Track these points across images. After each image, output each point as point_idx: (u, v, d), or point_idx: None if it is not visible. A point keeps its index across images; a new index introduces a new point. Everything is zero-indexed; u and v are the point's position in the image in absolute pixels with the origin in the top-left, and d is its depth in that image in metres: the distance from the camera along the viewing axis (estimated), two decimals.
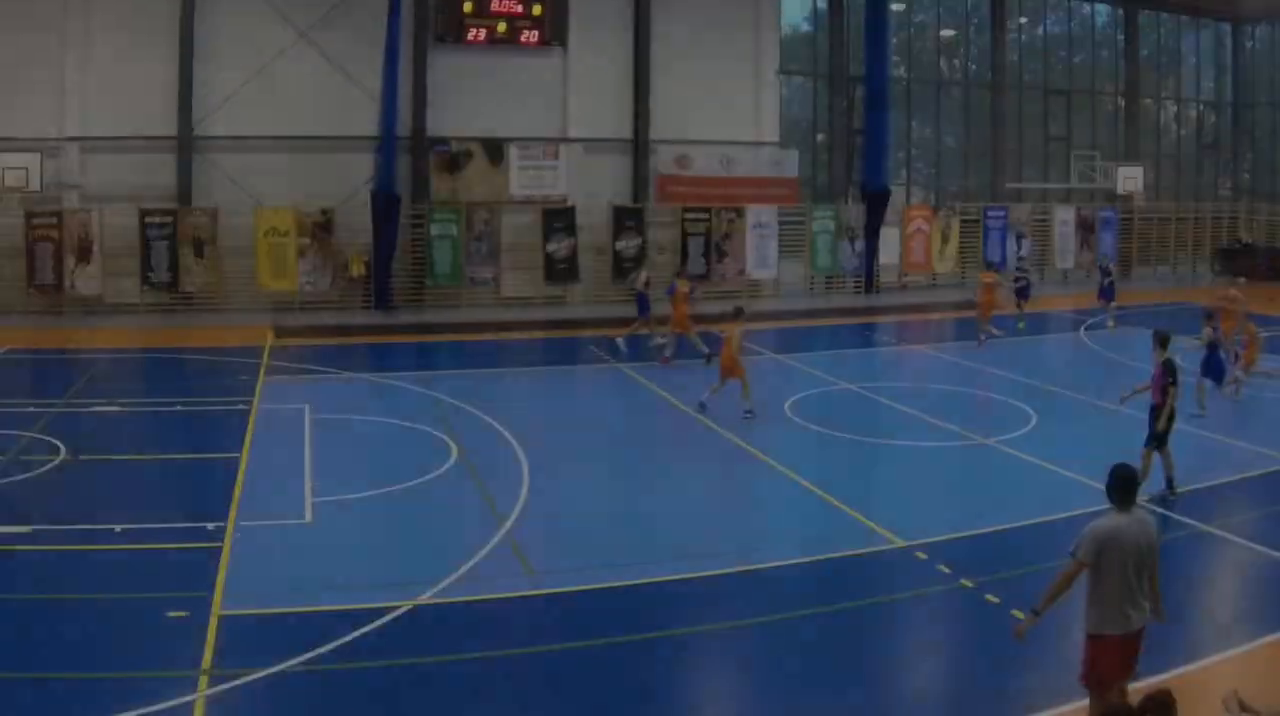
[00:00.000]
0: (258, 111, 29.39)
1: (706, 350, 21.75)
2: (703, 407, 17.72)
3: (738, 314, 18.21)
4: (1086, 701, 7.69)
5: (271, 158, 29.61)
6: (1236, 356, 19.94)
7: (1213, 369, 18.27)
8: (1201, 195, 41.08)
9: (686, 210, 30.71)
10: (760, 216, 30.92)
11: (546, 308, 29.98)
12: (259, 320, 27.99)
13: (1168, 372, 13.42)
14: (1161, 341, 13.78)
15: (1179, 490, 13.53)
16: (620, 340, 23.65)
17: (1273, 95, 41.02)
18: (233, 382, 21.09)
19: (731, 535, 12.69)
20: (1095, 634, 7.39)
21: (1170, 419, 13.44)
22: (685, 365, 22.08)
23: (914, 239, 32.70)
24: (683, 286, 22.86)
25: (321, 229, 29.28)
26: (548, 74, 30.37)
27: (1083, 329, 27.56)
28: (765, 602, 10.78)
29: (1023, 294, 27.56)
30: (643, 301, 24.18)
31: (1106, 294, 27.63)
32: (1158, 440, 13.39)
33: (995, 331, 25.26)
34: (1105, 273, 28.21)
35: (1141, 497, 12.58)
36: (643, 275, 25.36)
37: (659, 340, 23.14)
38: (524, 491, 14.16)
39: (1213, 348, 18.36)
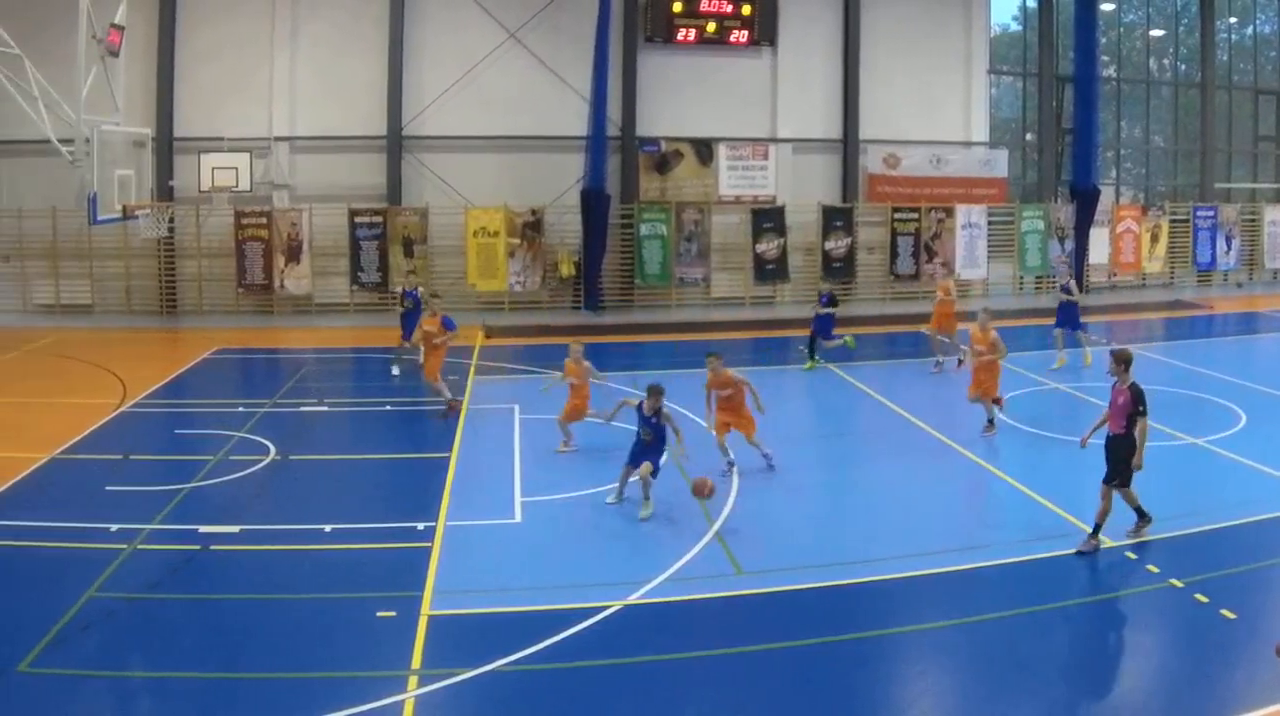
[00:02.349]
0: (467, 111, 29.46)
1: (449, 396, 18.43)
2: (731, 466, 14.70)
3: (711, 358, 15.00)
4: None
5: (480, 157, 29.63)
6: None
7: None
8: None
9: (895, 210, 30.14)
10: (970, 216, 30.27)
11: (755, 308, 29.49)
12: (468, 320, 27.63)
13: (1136, 400, 11.53)
14: (1124, 362, 11.91)
15: (1146, 532, 11.92)
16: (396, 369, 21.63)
17: None
18: (443, 382, 20.92)
19: (941, 534, 12.37)
20: None
21: (1138, 454, 11.59)
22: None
23: (1123, 239, 31.83)
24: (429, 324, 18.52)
25: (531, 229, 29.11)
26: (757, 74, 29.99)
27: None
28: (974, 602, 10.58)
29: (1069, 319, 21.86)
30: (410, 320, 20.93)
31: (1066, 319, 21.79)
32: (1121, 478, 11.65)
33: (942, 358, 21.73)
34: (1065, 290, 21.97)
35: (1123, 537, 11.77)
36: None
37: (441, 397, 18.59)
38: (734, 491, 13.94)
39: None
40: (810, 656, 9.49)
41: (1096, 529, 11.69)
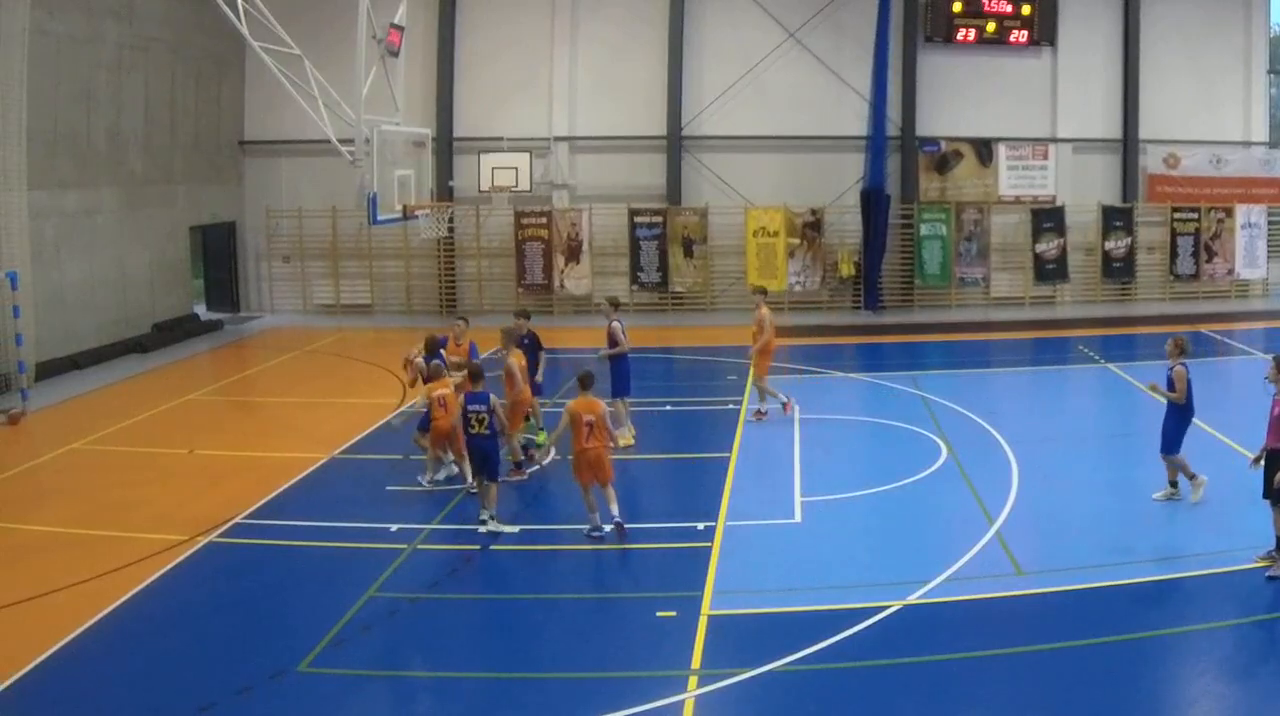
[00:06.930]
0: (746, 111, 29.58)
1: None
2: None
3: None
4: None
5: (760, 157, 29.73)
6: None
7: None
8: None
9: (1175, 209, 29.86)
10: (1250, 216, 29.93)
11: (1035, 308, 29.32)
12: (747, 320, 27.67)
13: None
14: None
15: None
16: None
17: None
18: (722, 382, 20.98)
19: (1223, 536, 11.99)
20: None
21: None
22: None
23: None
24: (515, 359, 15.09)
25: (811, 229, 29.13)
26: (1037, 73, 29.75)
27: None
28: (1257, 603, 10.32)
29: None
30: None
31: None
32: (1274, 496, 10.74)
33: (765, 406, 17.84)
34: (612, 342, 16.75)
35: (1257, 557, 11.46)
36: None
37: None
38: (1013, 491, 13.84)
39: None
40: (1090, 657, 9.38)
41: None
